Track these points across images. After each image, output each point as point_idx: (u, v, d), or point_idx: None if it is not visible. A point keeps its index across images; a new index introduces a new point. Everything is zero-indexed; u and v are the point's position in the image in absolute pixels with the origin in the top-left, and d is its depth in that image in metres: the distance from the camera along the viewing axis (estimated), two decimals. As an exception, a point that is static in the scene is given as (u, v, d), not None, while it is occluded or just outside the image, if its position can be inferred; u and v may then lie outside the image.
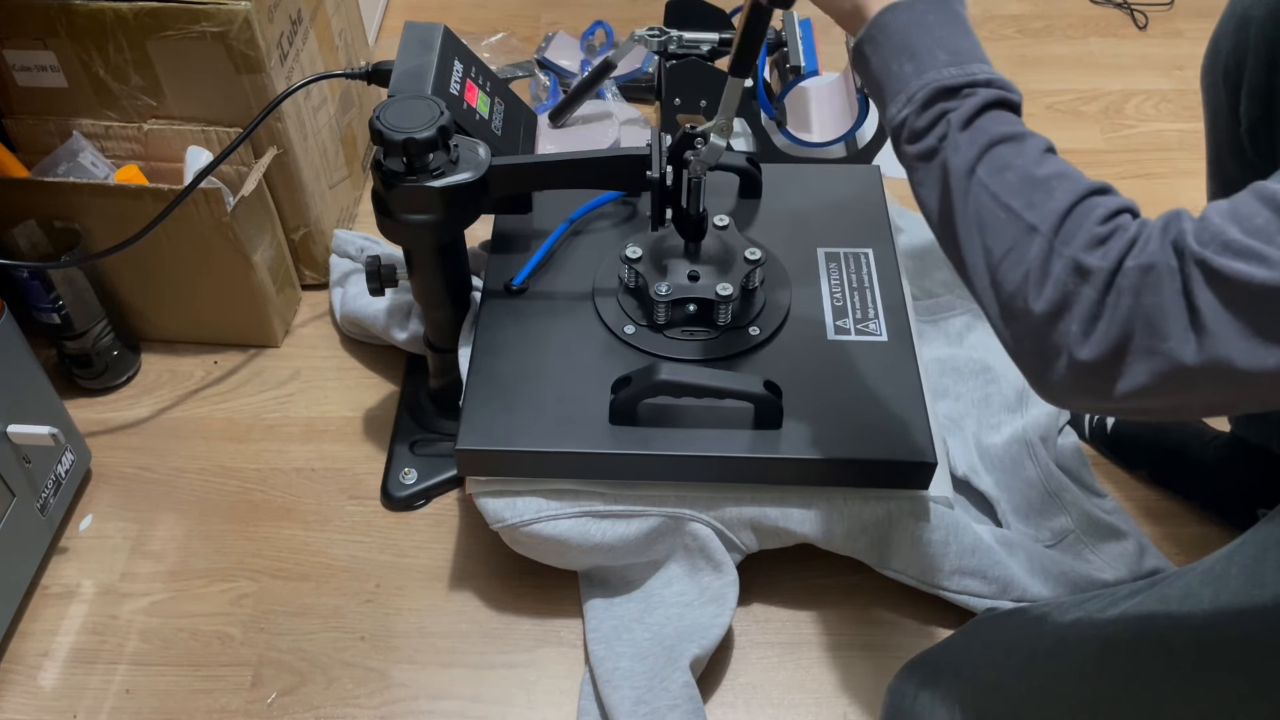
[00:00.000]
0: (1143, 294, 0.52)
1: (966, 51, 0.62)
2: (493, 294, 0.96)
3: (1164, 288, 0.51)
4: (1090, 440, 1.05)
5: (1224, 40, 0.82)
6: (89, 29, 0.99)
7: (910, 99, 0.62)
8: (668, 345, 0.91)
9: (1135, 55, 1.58)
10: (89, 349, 1.08)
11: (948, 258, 0.63)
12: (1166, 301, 0.51)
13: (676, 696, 0.83)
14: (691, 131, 0.85)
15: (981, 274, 0.59)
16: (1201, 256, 0.50)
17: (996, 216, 0.57)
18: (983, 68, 0.62)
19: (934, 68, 0.62)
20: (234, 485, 1.05)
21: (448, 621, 0.94)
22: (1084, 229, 0.54)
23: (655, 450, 0.85)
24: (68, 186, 1.01)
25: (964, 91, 0.61)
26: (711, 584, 0.89)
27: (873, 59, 0.65)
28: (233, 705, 0.89)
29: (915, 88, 0.62)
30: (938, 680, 0.74)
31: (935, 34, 0.63)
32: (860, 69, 0.68)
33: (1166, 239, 0.52)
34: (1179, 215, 0.53)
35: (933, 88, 0.61)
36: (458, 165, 0.85)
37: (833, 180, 1.09)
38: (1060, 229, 0.55)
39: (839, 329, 0.93)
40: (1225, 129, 0.83)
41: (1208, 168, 0.88)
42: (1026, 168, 0.58)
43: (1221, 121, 0.84)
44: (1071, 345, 0.54)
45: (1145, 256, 0.52)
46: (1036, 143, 0.59)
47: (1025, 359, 0.58)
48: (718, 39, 1.25)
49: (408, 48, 0.97)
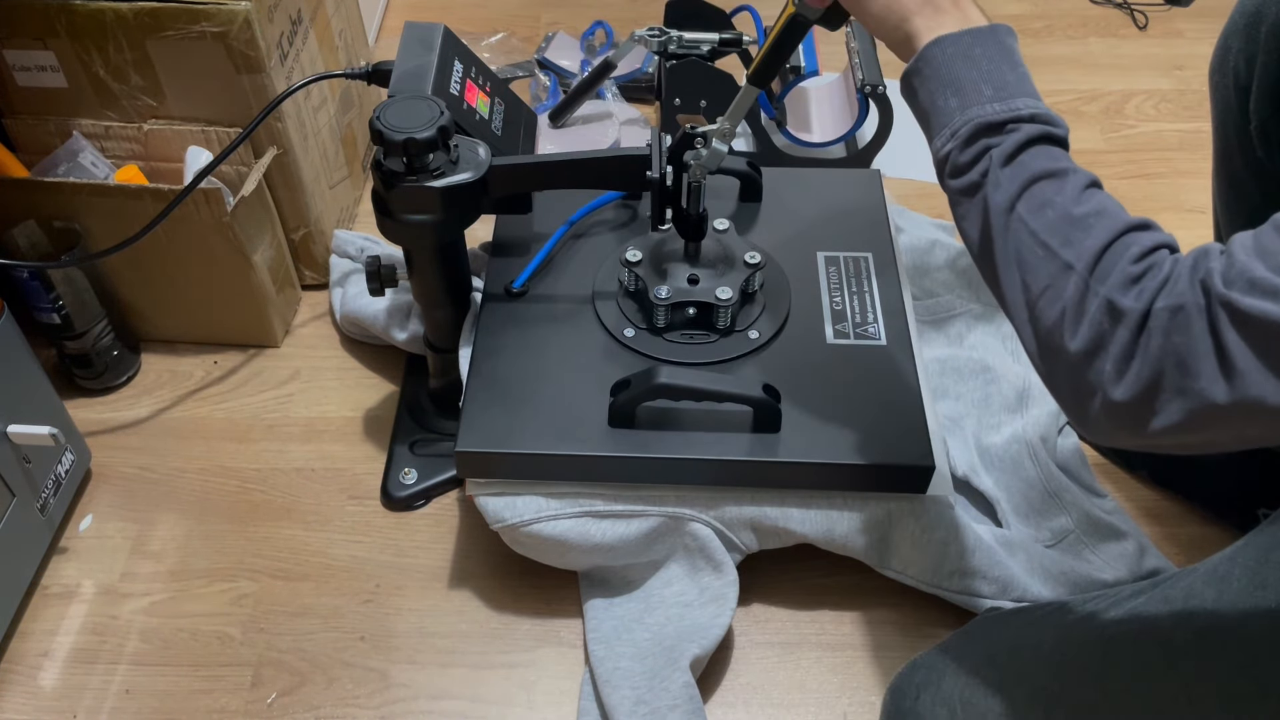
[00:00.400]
0: (1173, 334, 0.52)
1: (1012, 85, 0.63)
2: (493, 296, 0.96)
3: (1193, 328, 0.51)
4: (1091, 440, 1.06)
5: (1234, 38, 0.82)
6: (89, 29, 0.99)
7: (954, 134, 0.63)
8: (667, 348, 0.91)
9: (1135, 55, 1.58)
10: (89, 349, 1.08)
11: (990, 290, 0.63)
12: (1196, 342, 0.51)
13: (676, 696, 0.84)
14: (691, 132, 0.85)
15: (1020, 309, 0.59)
16: (1227, 298, 0.50)
17: (1035, 253, 0.58)
18: (1028, 102, 0.62)
19: (978, 103, 0.62)
20: (234, 485, 1.05)
21: (448, 621, 0.94)
22: (1119, 268, 0.54)
23: (654, 453, 0.85)
24: (68, 186, 1.01)
25: (1007, 127, 0.61)
26: (711, 584, 0.89)
27: (919, 91, 0.66)
28: (233, 705, 0.89)
29: (959, 123, 0.62)
30: (939, 681, 0.74)
31: (981, 67, 0.63)
32: (908, 99, 0.68)
33: (1195, 278, 0.52)
34: (1207, 253, 0.53)
35: (976, 124, 0.62)
36: (458, 165, 0.85)
37: (833, 184, 1.09)
38: (1095, 267, 0.55)
39: (838, 333, 0.93)
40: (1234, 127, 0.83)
41: (1214, 165, 0.88)
42: (1066, 205, 0.58)
43: (1231, 120, 0.83)
44: (1106, 385, 0.54)
45: (1174, 297, 0.52)
46: (1078, 179, 0.59)
47: (1063, 396, 0.58)
48: (718, 39, 1.25)
49: (408, 48, 0.97)
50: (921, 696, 0.76)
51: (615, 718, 0.83)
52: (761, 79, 0.82)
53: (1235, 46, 0.81)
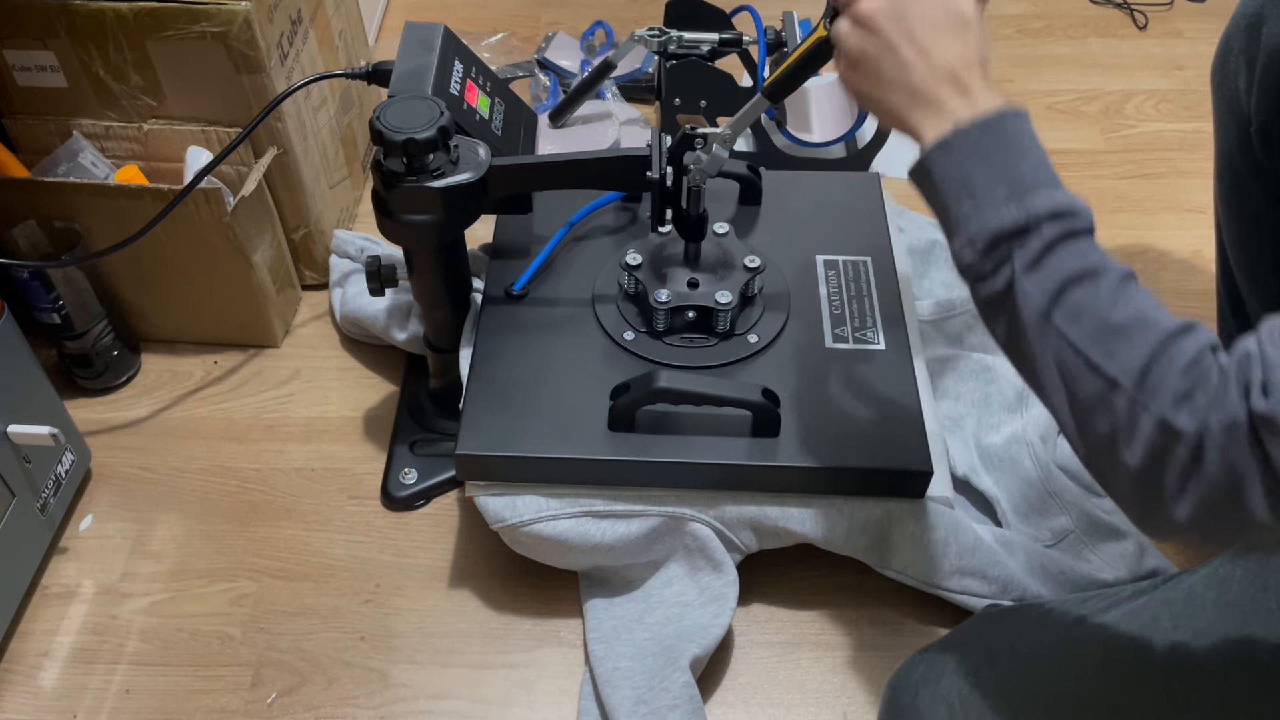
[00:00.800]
0: (1229, 451, 0.51)
1: (1026, 177, 0.59)
2: (492, 299, 0.96)
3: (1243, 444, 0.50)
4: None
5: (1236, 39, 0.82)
6: (89, 29, 0.99)
7: (971, 242, 0.59)
8: (667, 352, 0.91)
9: (1135, 55, 1.58)
10: (89, 349, 1.08)
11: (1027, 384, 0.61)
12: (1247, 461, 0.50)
13: (677, 696, 0.84)
14: (691, 132, 0.85)
15: (1067, 420, 0.58)
16: (1268, 414, 0.49)
17: (1077, 365, 0.56)
18: (1046, 196, 0.58)
19: (992, 205, 0.59)
20: (234, 485, 1.05)
21: (448, 621, 0.94)
22: (1167, 383, 0.53)
23: (653, 457, 0.85)
24: (68, 186, 1.01)
25: (1026, 232, 0.58)
26: (712, 584, 0.89)
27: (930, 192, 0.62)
28: (233, 705, 0.89)
29: (974, 231, 0.59)
30: (938, 678, 0.75)
31: (994, 162, 0.59)
32: (919, 190, 0.64)
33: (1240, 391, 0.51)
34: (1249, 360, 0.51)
35: (993, 233, 0.58)
36: (458, 165, 0.85)
37: (832, 187, 1.09)
38: (1143, 384, 0.53)
39: (837, 337, 0.93)
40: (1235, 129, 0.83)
41: (1216, 166, 0.88)
42: (1103, 311, 0.55)
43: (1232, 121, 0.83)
44: (1166, 501, 0.53)
45: (1225, 413, 0.51)
46: (1110, 278, 0.56)
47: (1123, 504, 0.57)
48: (718, 39, 1.25)
49: (408, 48, 0.97)
50: (920, 693, 0.76)
51: (615, 717, 0.83)
52: (776, 95, 0.79)
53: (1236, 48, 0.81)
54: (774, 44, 1.27)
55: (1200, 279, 1.03)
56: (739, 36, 1.25)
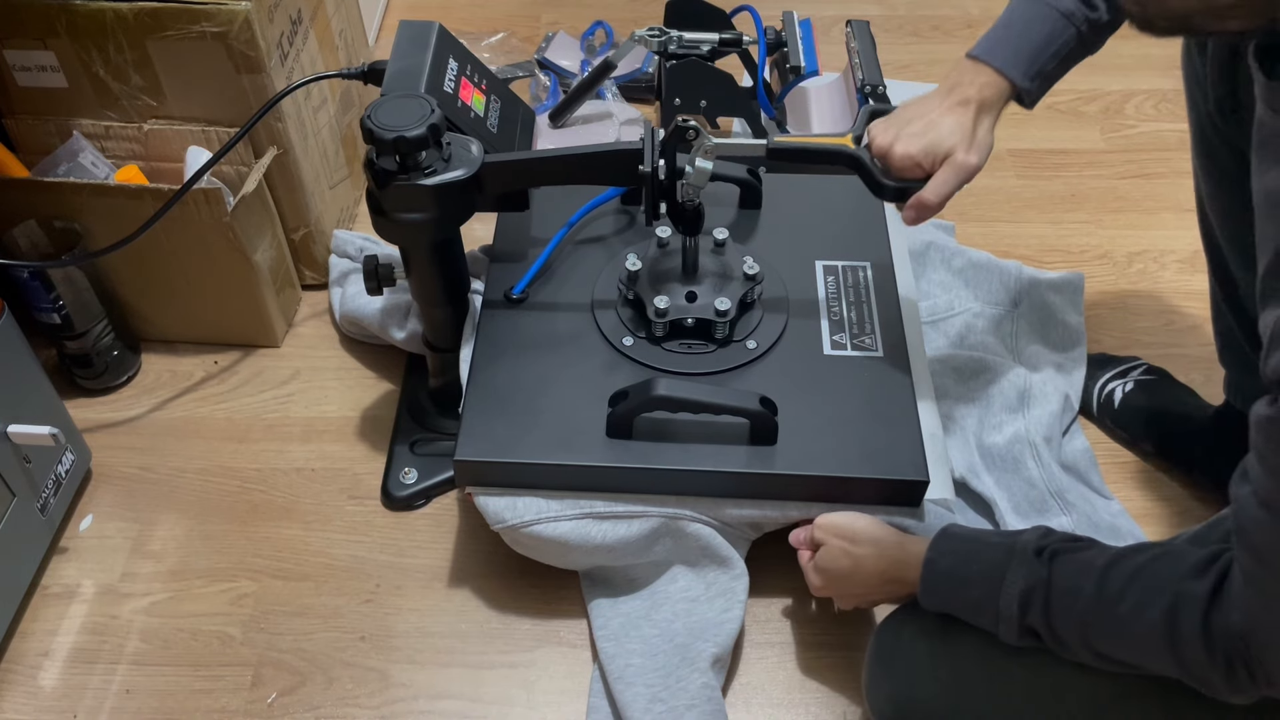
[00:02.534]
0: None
1: (997, 562, 0.71)
2: (492, 303, 0.96)
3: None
4: (1096, 415, 1.07)
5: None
6: (89, 29, 0.99)
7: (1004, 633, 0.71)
8: (665, 358, 0.91)
9: (1135, 55, 1.57)
10: (89, 349, 1.08)
11: None
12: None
13: (694, 697, 0.83)
14: (684, 125, 0.84)
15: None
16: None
17: (1128, 661, 0.67)
18: (1014, 571, 0.70)
19: (980, 614, 0.72)
20: (234, 485, 1.05)
21: (448, 621, 0.94)
22: (1196, 662, 0.63)
23: (651, 464, 0.85)
24: (68, 186, 1.02)
25: (1021, 614, 0.69)
26: (718, 579, 0.89)
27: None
28: (233, 705, 0.89)
29: (988, 625, 0.72)
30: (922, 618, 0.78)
31: (961, 579, 0.74)
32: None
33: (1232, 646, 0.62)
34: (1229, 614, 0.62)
35: (1015, 626, 0.70)
36: (450, 163, 0.84)
37: (832, 192, 1.08)
38: (1181, 667, 0.64)
39: (835, 343, 0.93)
40: (1200, 103, 0.87)
41: (1191, 134, 0.92)
42: (1116, 615, 0.65)
43: (1197, 96, 0.88)
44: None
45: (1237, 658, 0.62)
46: (1096, 578, 0.67)
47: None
48: (718, 39, 1.25)
49: (401, 46, 0.97)
50: (902, 632, 0.79)
51: (629, 714, 0.83)
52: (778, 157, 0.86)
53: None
54: (774, 44, 1.27)
55: (1200, 279, 1.03)
56: (739, 36, 1.25)
